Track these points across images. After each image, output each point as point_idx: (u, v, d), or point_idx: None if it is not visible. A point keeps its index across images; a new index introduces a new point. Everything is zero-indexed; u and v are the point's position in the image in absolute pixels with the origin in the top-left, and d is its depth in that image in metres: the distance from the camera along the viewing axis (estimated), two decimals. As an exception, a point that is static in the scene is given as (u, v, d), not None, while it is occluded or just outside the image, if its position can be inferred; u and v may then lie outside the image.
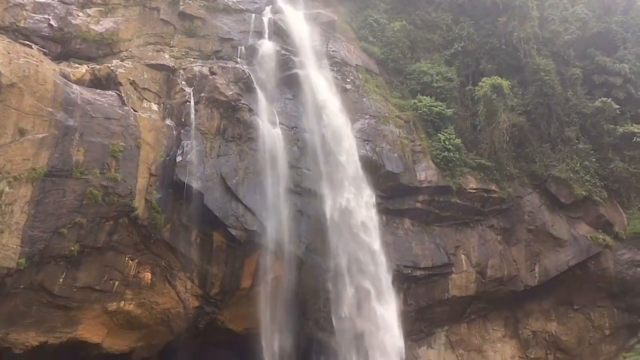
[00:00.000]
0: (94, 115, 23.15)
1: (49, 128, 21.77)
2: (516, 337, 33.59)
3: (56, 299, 22.04)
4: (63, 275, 22.01)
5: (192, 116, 26.44)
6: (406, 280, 31.28)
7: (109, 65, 25.85)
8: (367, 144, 31.01)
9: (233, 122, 27.52)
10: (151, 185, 24.36)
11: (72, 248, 21.80)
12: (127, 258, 23.82)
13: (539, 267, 32.77)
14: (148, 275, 24.62)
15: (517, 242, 33.22)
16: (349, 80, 32.95)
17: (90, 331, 23.48)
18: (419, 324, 32.41)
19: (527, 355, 33.31)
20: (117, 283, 23.56)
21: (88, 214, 22.14)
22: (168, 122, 26.04)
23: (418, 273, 31.32)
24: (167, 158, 25.14)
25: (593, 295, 32.96)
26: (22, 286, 21.09)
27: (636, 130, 35.26)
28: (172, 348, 26.52)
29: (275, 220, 27.06)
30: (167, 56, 28.09)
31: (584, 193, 33.56)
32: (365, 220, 29.60)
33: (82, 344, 23.60)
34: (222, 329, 27.62)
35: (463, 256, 32.38)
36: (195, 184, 25.22)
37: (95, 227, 22.50)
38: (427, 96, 34.66)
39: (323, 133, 29.71)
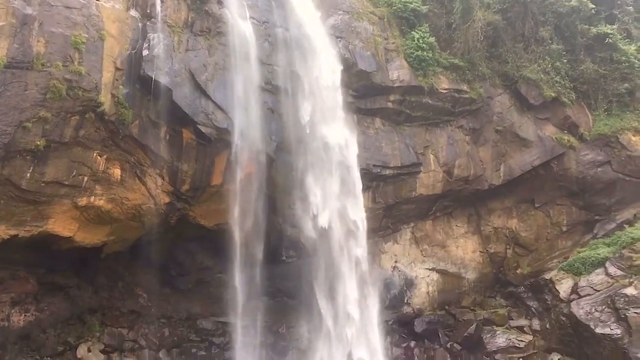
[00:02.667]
0: (53, 3, 21.96)
1: (7, 16, 20.66)
2: (478, 233, 35.03)
3: (24, 194, 21.90)
4: (30, 170, 21.74)
5: (158, 7, 25.27)
6: (375, 179, 31.90)
7: (66, -52, 24.13)
8: (340, 41, 30.35)
9: (201, 14, 26.47)
10: (117, 80, 23.65)
11: (38, 143, 21.40)
12: (95, 154, 23.55)
13: (504, 167, 33.59)
14: (117, 172, 24.50)
15: (484, 142, 33.77)
16: (322, -30, 31.58)
17: (61, 225, 23.60)
18: (386, 220, 33.43)
19: (487, 250, 34.92)
20: (86, 178, 23.43)
21: (52, 108, 21.56)
22: (132, 13, 24.84)
23: (387, 172, 31.91)
24: (133, 52, 24.23)
25: (553, 194, 34.14)
26: (-12, 180, 20.83)
27: (609, 31, 35.07)
28: (144, 242, 26.98)
29: (246, 118, 26.88)
30: (128, -61, 26.29)
31: (553, 94, 33.83)
32: (335, 118, 29.61)
33: (54, 237, 23.79)
34: (193, 224, 28.06)
35: (432, 156, 32.92)
36: (163, 79, 24.59)
37: (61, 121, 22.00)
38: (402, -10, 33.62)
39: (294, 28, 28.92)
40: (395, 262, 34.11)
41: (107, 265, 28.32)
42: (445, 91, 32.74)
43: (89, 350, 25.46)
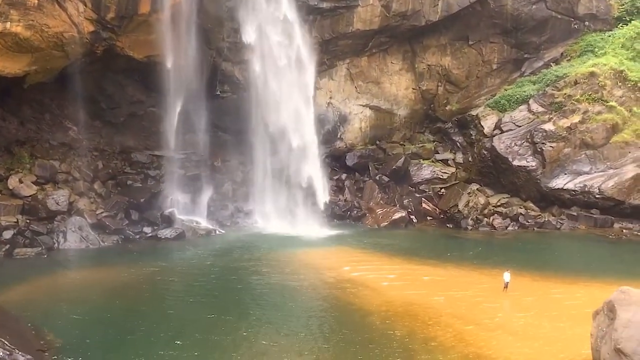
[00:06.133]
0: None
1: None
2: (412, 70, 35.40)
3: None
4: None
5: None
6: (312, 12, 31.07)
7: None
8: None
9: None
10: None
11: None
12: (6, -27, 21.47)
13: (442, 2, 33.02)
14: (34, -5, 22.60)
15: (425, -25, 32.84)
16: None
17: (-23, 53, 22.15)
18: (321, 56, 33.12)
19: (419, 87, 35.59)
20: (-1, 2, 21.57)
21: None
22: None
23: (324, 5, 31.07)
24: None
25: (487, 32, 34.39)
26: None
27: None
28: (70, 74, 25.82)
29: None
30: None
31: None
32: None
33: (-30, 66, 22.43)
34: (121, 55, 26.93)
35: (361, -11, 31.88)
36: None
37: None
38: None
39: None
40: (330, 98, 34.44)
41: (32, 96, 27.22)
42: None
43: (21, 182, 25.20)
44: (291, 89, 30.42)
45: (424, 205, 31.62)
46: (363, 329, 15.94)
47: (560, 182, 30.15)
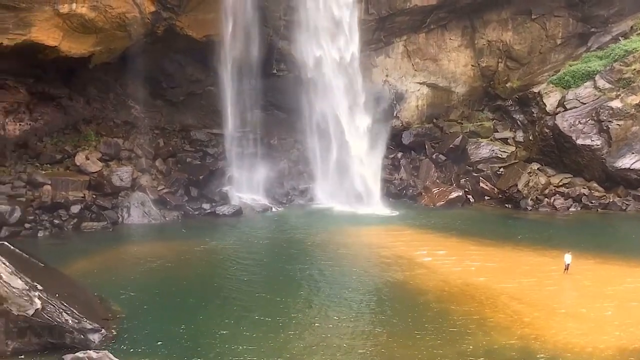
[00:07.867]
0: None
1: None
2: (471, 46, 34.53)
3: (2, -1, 21.06)
4: (5, -28, 20.70)
5: None
6: (369, -11, 30.76)
7: None
8: None
9: None
10: None
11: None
12: (74, -44, 22.22)
13: (504, -25, 32.06)
14: (99, -24, 23.30)
15: (485, -51, 31.84)
16: None
17: (45, 34, 23.07)
18: (378, 33, 32.80)
19: (479, 64, 34.73)
20: (66, -15, 22.35)
21: None
22: None
23: (381, -19, 30.63)
24: None
25: (552, 5, 33.14)
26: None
27: None
28: (133, 54, 26.55)
29: None
30: None
31: None
32: None
33: (39, 46, 23.35)
34: (181, 35, 27.46)
35: (429, -36, 31.22)
36: None
37: None
38: None
39: None
40: (387, 75, 34.05)
41: (97, 76, 28.18)
42: None
43: (87, 158, 26.22)
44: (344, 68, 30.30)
45: (481, 184, 30.97)
46: (419, 308, 15.87)
47: (627, 161, 28.92)
